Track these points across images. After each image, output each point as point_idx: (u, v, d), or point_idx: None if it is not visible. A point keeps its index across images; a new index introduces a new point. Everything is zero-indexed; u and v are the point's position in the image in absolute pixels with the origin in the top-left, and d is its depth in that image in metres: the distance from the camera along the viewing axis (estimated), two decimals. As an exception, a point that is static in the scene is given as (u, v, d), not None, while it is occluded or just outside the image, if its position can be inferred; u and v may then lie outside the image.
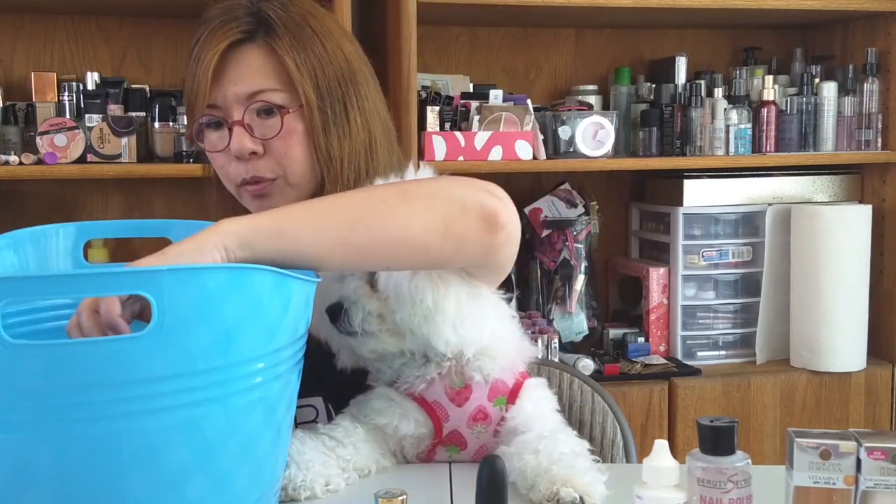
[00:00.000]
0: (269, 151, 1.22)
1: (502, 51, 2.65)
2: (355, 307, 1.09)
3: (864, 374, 2.45)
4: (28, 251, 1.08)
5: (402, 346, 1.11)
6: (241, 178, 1.24)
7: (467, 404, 1.11)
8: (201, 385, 0.81)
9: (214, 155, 1.26)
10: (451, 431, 1.12)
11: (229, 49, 1.21)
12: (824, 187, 2.55)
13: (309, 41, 1.22)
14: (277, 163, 1.22)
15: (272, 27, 1.21)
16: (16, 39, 2.34)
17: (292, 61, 1.20)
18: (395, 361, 1.13)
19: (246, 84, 1.21)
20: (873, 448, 0.84)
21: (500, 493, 0.84)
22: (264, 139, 1.21)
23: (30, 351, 0.76)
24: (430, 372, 1.11)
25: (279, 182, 1.23)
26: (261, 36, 1.21)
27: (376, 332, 1.10)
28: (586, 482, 0.98)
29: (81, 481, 0.78)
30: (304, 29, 1.22)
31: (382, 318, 1.09)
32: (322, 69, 1.22)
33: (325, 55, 1.23)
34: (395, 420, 1.11)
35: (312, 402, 1.24)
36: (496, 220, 1.04)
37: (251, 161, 1.22)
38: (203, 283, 0.80)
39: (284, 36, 1.21)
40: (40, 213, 2.36)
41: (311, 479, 1.01)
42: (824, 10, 2.42)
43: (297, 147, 1.22)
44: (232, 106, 1.21)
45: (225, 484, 0.85)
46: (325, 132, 1.22)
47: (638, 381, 2.34)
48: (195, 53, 1.23)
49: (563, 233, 2.46)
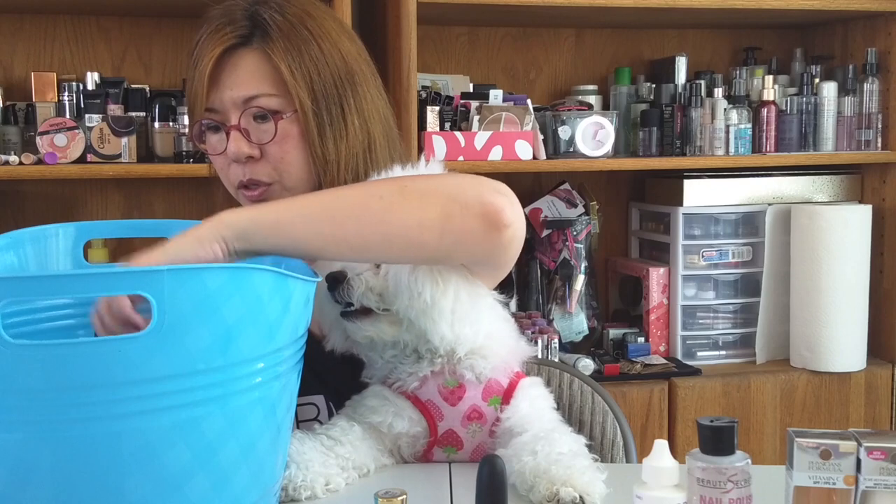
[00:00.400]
0: (265, 156, 1.22)
1: (502, 51, 2.65)
2: (358, 279, 1.09)
3: (864, 374, 2.45)
4: (28, 251, 1.09)
5: (398, 334, 1.11)
6: (239, 181, 1.24)
7: (461, 403, 1.11)
8: (201, 385, 0.81)
9: (214, 157, 1.27)
10: (446, 431, 1.12)
11: (226, 53, 1.21)
12: (824, 187, 2.55)
13: (304, 44, 1.21)
14: (274, 167, 1.23)
15: (267, 31, 1.21)
16: (16, 39, 2.34)
17: (286, 66, 1.20)
18: (386, 352, 1.14)
19: (241, 89, 1.21)
20: (873, 448, 0.84)
21: (500, 492, 0.84)
22: (260, 143, 1.22)
23: (30, 351, 0.76)
24: (423, 369, 1.11)
25: (275, 187, 1.24)
26: (256, 40, 1.21)
27: (374, 312, 1.10)
28: (586, 481, 0.98)
29: (81, 481, 0.79)
30: (300, 31, 1.22)
31: (382, 298, 1.09)
32: (318, 72, 1.22)
33: (322, 57, 1.22)
34: (389, 418, 1.11)
35: (314, 401, 1.24)
36: (499, 218, 1.04)
37: (248, 164, 1.23)
38: (203, 283, 0.80)
39: (279, 40, 1.20)
40: (40, 213, 2.36)
41: (311, 478, 1.02)
42: (824, 10, 2.42)
43: (292, 151, 1.22)
44: (229, 110, 1.22)
45: (225, 484, 0.85)
46: (320, 136, 1.22)
47: (638, 381, 2.34)
48: (194, 56, 1.23)
49: (563, 233, 2.46)
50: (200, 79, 1.20)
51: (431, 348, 1.11)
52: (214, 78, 1.21)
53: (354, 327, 1.11)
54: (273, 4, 1.23)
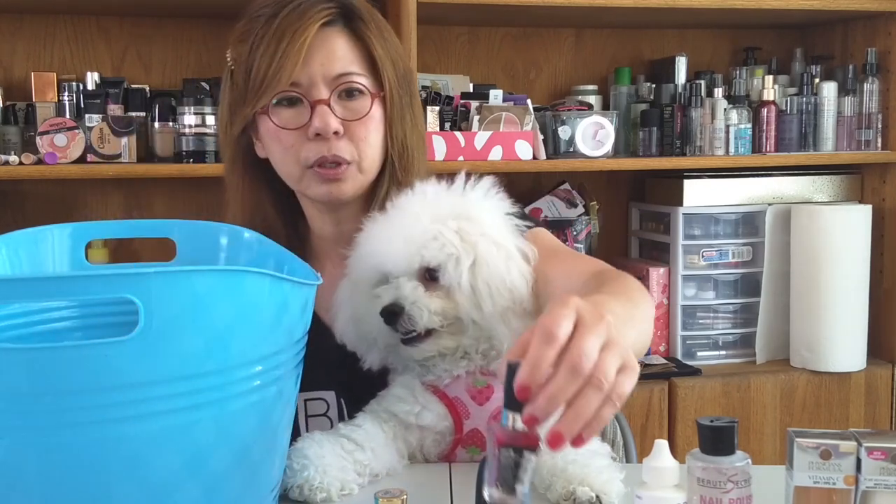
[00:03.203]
0: (348, 133, 1.23)
1: (502, 51, 2.65)
2: (416, 307, 1.09)
3: (864, 374, 2.45)
4: (22, 254, 1.06)
5: (461, 342, 1.12)
6: (318, 157, 1.23)
7: (489, 403, 1.12)
8: (192, 390, 0.79)
9: (284, 134, 1.24)
10: (471, 430, 1.12)
11: (319, 29, 1.22)
12: (824, 187, 2.55)
13: (387, 32, 1.27)
14: (356, 146, 1.24)
15: (357, 13, 1.25)
16: (16, 39, 2.34)
17: (380, 48, 1.25)
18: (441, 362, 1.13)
19: (334, 65, 1.23)
20: (873, 448, 0.84)
21: (499, 493, 0.83)
22: (347, 120, 1.23)
23: (14, 355, 0.75)
24: (459, 368, 1.12)
25: (352, 168, 1.25)
26: (346, 21, 1.24)
27: (438, 331, 1.10)
28: (603, 480, 0.98)
29: (68, 487, 0.77)
30: (380, 20, 1.28)
31: (444, 314, 1.10)
32: (399, 60, 1.28)
33: (397, 49, 1.29)
34: (417, 408, 1.11)
35: (324, 396, 1.24)
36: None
37: (332, 140, 1.22)
38: (192, 287, 0.78)
39: (371, 23, 1.25)
40: (40, 213, 2.36)
41: (328, 482, 1.01)
42: (824, 10, 2.42)
43: (374, 132, 1.25)
44: (318, 84, 1.22)
45: (217, 490, 0.83)
46: (401, 120, 1.27)
47: (638, 381, 2.33)
48: (275, 30, 1.21)
49: (563, 233, 2.46)
50: (295, 52, 1.19)
51: (485, 349, 1.12)
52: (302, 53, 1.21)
53: (417, 351, 1.12)
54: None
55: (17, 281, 0.83)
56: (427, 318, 1.09)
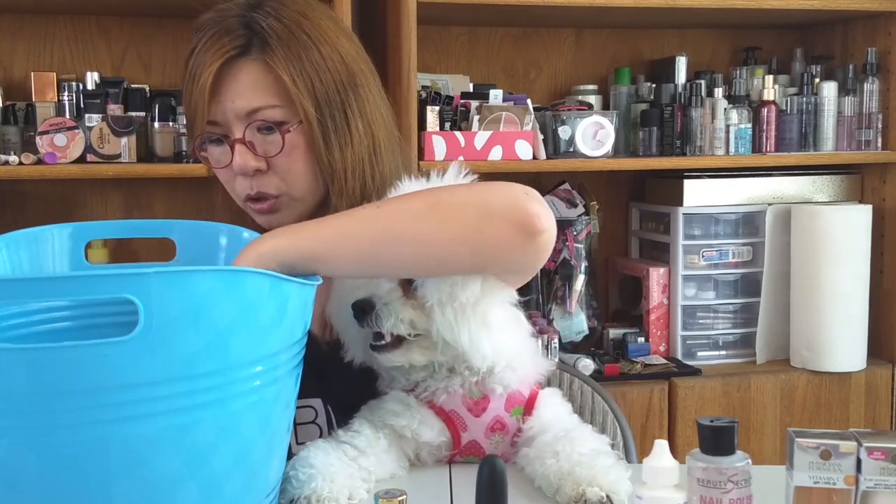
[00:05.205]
0: (272, 168, 1.20)
1: (502, 51, 2.65)
2: (386, 310, 1.07)
3: (864, 374, 2.45)
4: (22, 254, 1.06)
5: (432, 358, 1.09)
6: (246, 194, 1.22)
7: (485, 415, 1.11)
8: (192, 390, 0.79)
9: (219, 170, 1.24)
10: (469, 442, 1.12)
11: (225, 64, 1.17)
12: (824, 187, 2.55)
13: (304, 50, 1.18)
14: (281, 179, 1.21)
15: (266, 40, 1.17)
16: (15, 39, 2.34)
17: (288, 76, 1.16)
18: (414, 374, 1.12)
19: (244, 101, 1.18)
20: (873, 448, 0.84)
21: (500, 493, 0.83)
22: (267, 156, 1.19)
23: (14, 355, 0.75)
24: (454, 384, 1.10)
25: (284, 198, 1.22)
26: (255, 50, 1.17)
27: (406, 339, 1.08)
28: (611, 480, 0.98)
29: (68, 487, 0.77)
30: (299, 36, 1.19)
31: (413, 324, 1.08)
32: (319, 79, 1.18)
33: (322, 62, 1.19)
34: (414, 423, 1.09)
35: (312, 403, 1.23)
36: (534, 224, 1.03)
37: (255, 177, 1.21)
38: (192, 287, 0.78)
39: (278, 48, 1.17)
40: (40, 213, 2.36)
41: (336, 490, 0.99)
42: (824, 10, 2.42)
43: (299, 162, 1.20)
44: (231, 123, 1.19)
45: (217, 491, 0.83)
46: (326, 144, 1.19)
47: (638, 381, 2.34)
48: (190, 68, 1.20)
49: (563, 233, 2.46)
50: (201, 92, 1.17)
51: (469, 366, 1.09)
52: (214, 90, 1.18)
53: (385, 358, 1.10)
54: (268, 9, 1.20)
55: (17, 281, 0.83)
56: (393, 323, 1.06)
